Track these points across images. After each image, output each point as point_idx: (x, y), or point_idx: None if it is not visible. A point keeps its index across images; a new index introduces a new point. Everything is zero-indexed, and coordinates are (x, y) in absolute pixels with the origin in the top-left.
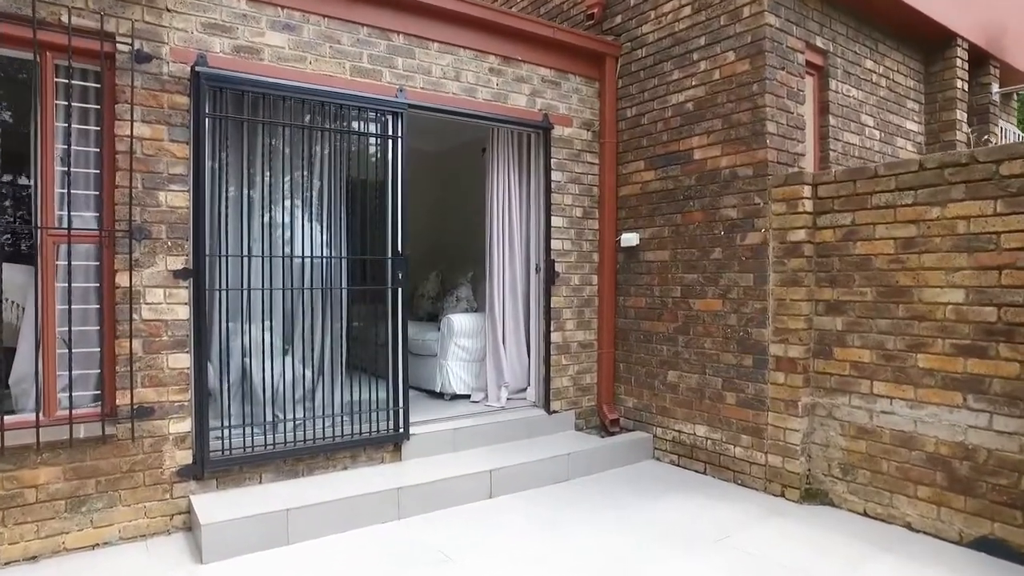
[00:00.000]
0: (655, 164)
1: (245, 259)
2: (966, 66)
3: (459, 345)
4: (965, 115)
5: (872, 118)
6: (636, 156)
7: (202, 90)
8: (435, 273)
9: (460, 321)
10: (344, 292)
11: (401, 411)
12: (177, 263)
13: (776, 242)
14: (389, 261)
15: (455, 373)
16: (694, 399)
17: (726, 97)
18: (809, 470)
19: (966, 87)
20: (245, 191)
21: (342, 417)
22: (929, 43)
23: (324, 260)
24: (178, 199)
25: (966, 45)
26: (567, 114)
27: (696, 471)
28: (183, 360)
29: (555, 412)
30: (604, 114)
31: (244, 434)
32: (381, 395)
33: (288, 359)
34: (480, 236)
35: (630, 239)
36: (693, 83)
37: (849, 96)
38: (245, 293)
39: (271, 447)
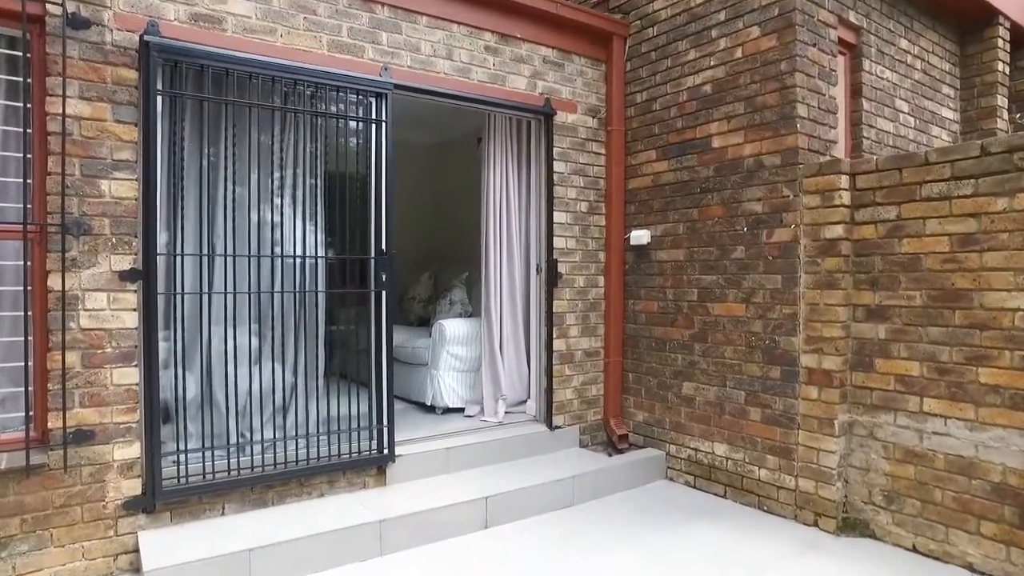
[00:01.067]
0: (668, 154)
1: (206, 258)
2: (1008, 47)
3: (452, 353)
4: (1007, 101)
5: (907, 103)
6: (647, 145)
7: (152, 63)
8: (427, 275)
9: (453, 327)
10: (321, 296)
11: (385, 430)
12: (124, 263)
13: (808, 239)
14: (372, 261)
15: (447, 384)
16: (713, 414)
17: (749, 77)
18: (846, 497)
19: (1007, 71)
20: (206, 181)
21: (318, 437)
22: (966, 22)
23: (297, 260)
24: (124, 189)
25: (1008, 24)
26: (571, 99)
27: (715, 494)
28: (131, 375)
29: (558, 427)
30: (611, 99)
31: (204, 458)
32: (363, 411)
33: (257, 372)
34: (476, 235)
35: (640, 237)
36: (711, 63)
37: (883, 78)
38: (206, 297)
39: (235, 473)
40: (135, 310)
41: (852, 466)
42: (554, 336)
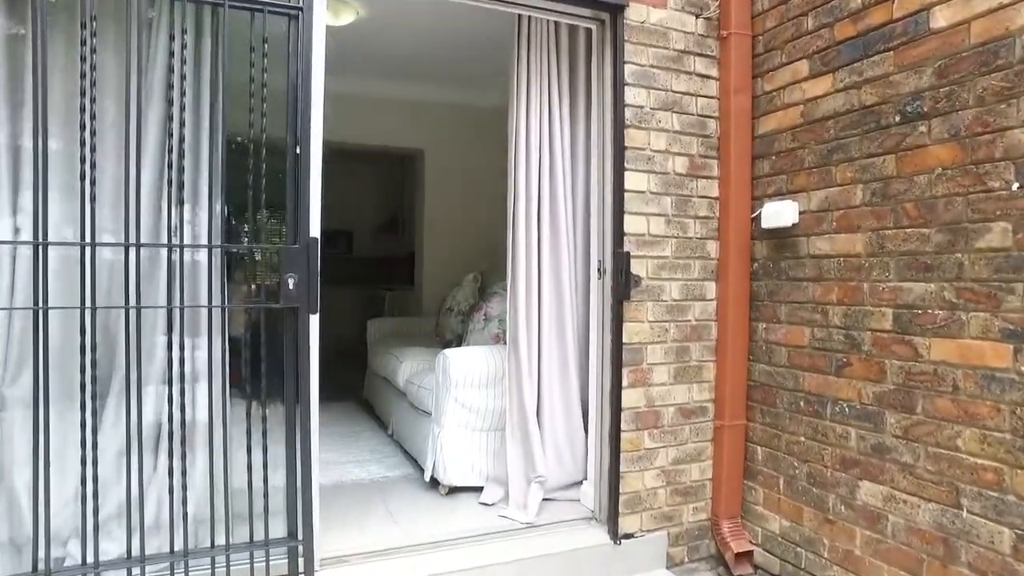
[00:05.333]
0: (833, 62)
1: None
2: None
3: (463, 403)
4: None
5: None
6: (791, 54)
7: None
8: (472, 277)
9: (463, 361)
10: (214, 312)
11: (301, 549)
12: None
13: None
14: (286, 253)
15: (455, 449)
16: (927, 554)
17: None
18: None
19: None
20: None
21: (186, 560)
22: None
23: (151, 254)
24: None
25: None
26: None
27: None
28: None
29: (628, 536)
30: None
31: None
32: (277, 506)
33: (82, 446)
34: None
35: (780, 213)
36: None
37: None
38: None
39: None
40: None
41: None
42: (624, 382)
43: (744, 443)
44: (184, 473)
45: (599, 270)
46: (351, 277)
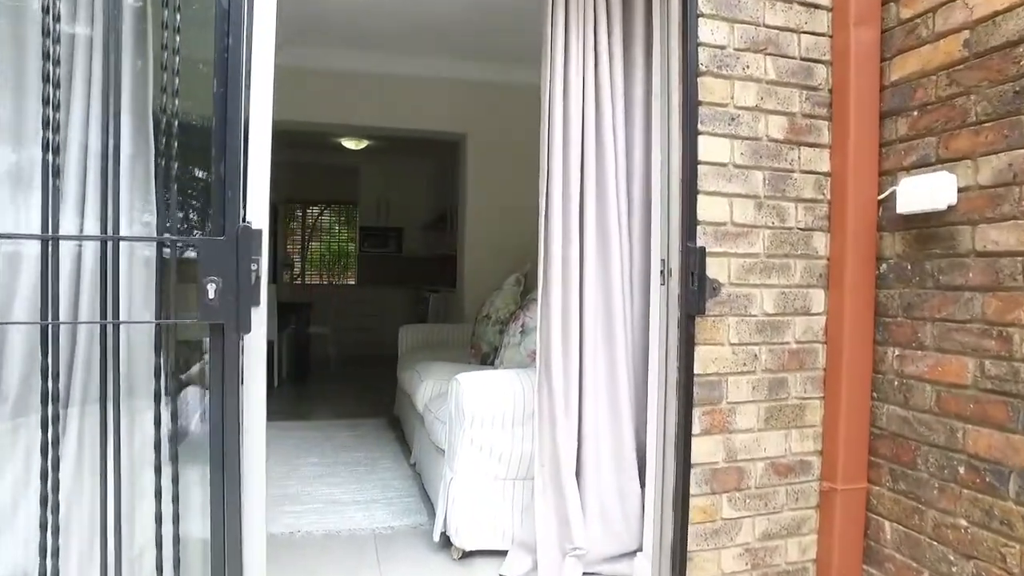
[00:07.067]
0: None
1: None
2: None
3: (479, 444)
4: None
5: None
6: None
7: None
8: (514, 279)
9: (481, 391)
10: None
11: None
12: None
13: None
14: (206, 249)
15: (471, 502)
16: None
17: None
18: None
19: None
20: None
21: None
22: None
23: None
24: None
25: None
26: None
27: None
28: None
29: None
30: None
31: None
32: None
33: None
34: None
35: (927, 191)
36: None
37: None
38: None
39: None
40: None
41: None
42: (696, 427)
43: (864, 514)
44: (57, 554)
45: (663, 272)
46: (400, 278)
